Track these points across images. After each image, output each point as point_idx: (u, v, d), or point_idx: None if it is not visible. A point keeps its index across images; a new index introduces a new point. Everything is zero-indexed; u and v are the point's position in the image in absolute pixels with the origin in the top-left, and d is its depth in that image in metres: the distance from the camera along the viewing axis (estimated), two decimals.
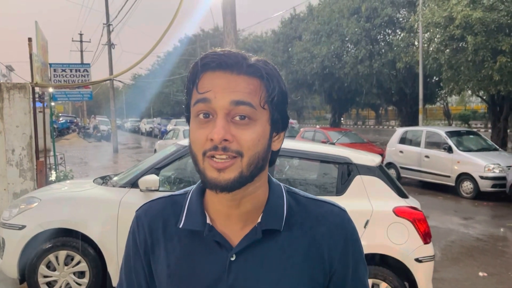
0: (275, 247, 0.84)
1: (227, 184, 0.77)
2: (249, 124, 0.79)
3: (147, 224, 0.90)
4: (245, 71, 0.80)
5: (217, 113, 0.78)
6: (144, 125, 40.71)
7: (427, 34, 14.22)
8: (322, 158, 3.87)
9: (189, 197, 0.90)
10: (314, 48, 20.81)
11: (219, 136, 0.75)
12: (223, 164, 0.77)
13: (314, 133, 14.91)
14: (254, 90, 0.80)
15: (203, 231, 0.84)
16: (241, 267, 0.83)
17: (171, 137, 15.30)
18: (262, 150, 0.80)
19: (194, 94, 0.81)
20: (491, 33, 11.32)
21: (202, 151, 0.78)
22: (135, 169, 4.24)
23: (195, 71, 0.82)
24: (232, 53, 0.81)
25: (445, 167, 10.65)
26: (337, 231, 0.87)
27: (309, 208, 0.89)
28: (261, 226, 0.84)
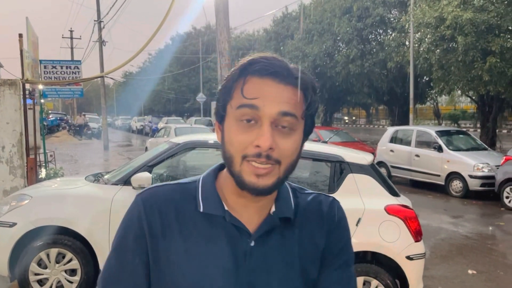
0: (289, 233, 0.91)
1: (265, 189, 0.82)
2: (290, 133, 0.82)
3: (156, 207, 0.88)
4: (292, 82, 0.82)
5: (262, 120, 0.80)
6: (135, 123, 40.50)
7: (418, 34, 14.33)
8: (315, 157, 3.89)
9: (200, 184, 0.92)
10: (306, 47, 20.86)
11: (266, 144, 0.78)
12: (263, 170, 0.80)
13: None
14: (297, 102, 0.83)
15: (221, 216, 0.87)
16: (261, 252, 0.87)
17: (162, 135, 15.24)
18: (296, 158, 0.85)
19: (238, 97, 0.82)
20: (481, 33, 11.44)
21: (242, 154, 0.81)
22: (127, 167, 4.22)
23: (242, 73, 0.83)
24: (281, 62, 0.83)
25: (435, 166, 10.75)
26: (331, 214, 0.96)
27: (307, 199, 0.97)
28: (277, 214, 0.90)
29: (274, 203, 0.91)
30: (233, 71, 0.85)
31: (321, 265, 0.94)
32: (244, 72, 0.83)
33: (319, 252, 0.94)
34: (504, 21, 11.37)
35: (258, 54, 0.85)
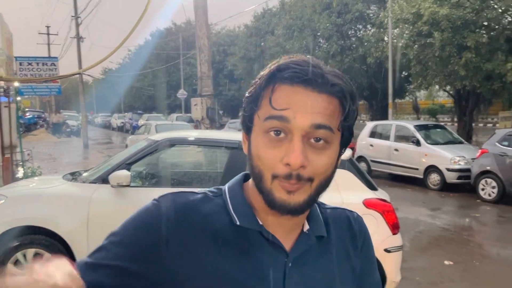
0: (324, 252, 0.85)
1: (296, 208, 0.74)
2: (324, 148, 0.74)
3: (179, 215, 0.78)
4: (328, 90, 0.73)
5: (293, 133, 0.72)
6: (115, 120, 39.98)
7: (397, 30, 14.51)
8: None
9: (227, 195, 0.82)
10: (287, 43, 20.90)
11: (297, 162, 0.70)
12: (294, 186, 0.72)
13: None
14: (333, 112, 0.74)
15: (257, 231, 0.78)
16: (298, 273, 0.80)
17: (142, 132, 15.09)
18: (331, 173, 0.77)
19: (266, 107, 0.73)
20: (457, 29, 11.65)
21: (271, 173, 0.72)
22: (105, 165, 4.18)
23: (270, 79, 0.74)
24: (314, 68, 0.74)
25: (414, 160, 10.94)
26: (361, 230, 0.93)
27: (333, 215, 0.91)
28: (313, 233, 0.83)
29: (306, 220, 0.84)
30: (260, 77, 0.77)
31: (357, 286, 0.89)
32: (272, 79, 0.74)
33: (355, 271, 0.89)
34: (479, 17, 11.60)
35: (288, 57, 0.77)
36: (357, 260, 0.90)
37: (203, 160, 4.74)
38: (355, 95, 0.77)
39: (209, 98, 8.44)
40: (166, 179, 4.44)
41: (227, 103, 35.25)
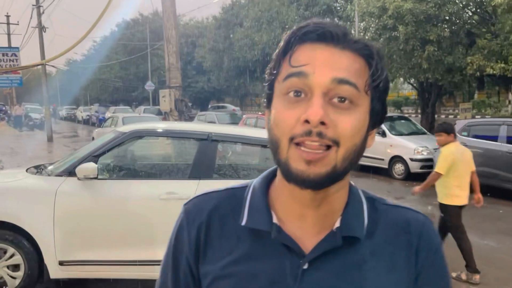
0: (355, 257, 0.71)
1: (317, 180, 0.64)
2: (349, 109, 0.65)
3: (201, 219, 0.77)
4: (350, 46, 0.67)
5: (313, 91, 0.64)
6: (81, 112, 38.96)
7: (363, 23, 14.78)
8: (265, 143, 3.97)
9: (250, 191, 0.78)
10: (255, 35, 20.91)
11: (316, 117, 0.62)
12: (315, 155, 0.63)
13: (257, 120, 15.09)
14: (359, 70, 0.67)
15: (268, 232, 0.72)
16: (315, 277, 0.70)
17: (109, 125, 14.79)
18: (359, 143, 0.67)
19: (285, 68, 0.67)
20: (420, 23, 11.98)
21: (289, 136, 0.64)
22: (71, 157, 4.10)
23: (290, 41, 0.67)
24: (336, 25, 0.68)
25: (379, 150, 11.23)
26: (424, 239, 0.76)
27: (390, 215, 0.77)
28: (341, 232, 0.71)
29: (340, 217, 0.73)
30: (281, 44, 0.70)
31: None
32: (291, 41, 0.67)
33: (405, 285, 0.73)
34: (441, 12, 11.98)
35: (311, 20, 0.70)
36: (408, 276, 0.73)
37: (172, 152, 4.73)
38: (381, 55, 0.70)
39: (177, 90, 8.38)
40: (134, 171, 4.41)
41: (195, 96, 34.95)
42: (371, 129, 0.71)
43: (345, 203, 0.74)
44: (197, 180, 3.72)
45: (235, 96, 40.76)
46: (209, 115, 18.77)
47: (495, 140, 8.57)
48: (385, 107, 0.73)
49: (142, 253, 3.60)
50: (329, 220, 0.72)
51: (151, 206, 3.66)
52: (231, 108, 33.18)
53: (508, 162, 8.25)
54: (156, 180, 3.99)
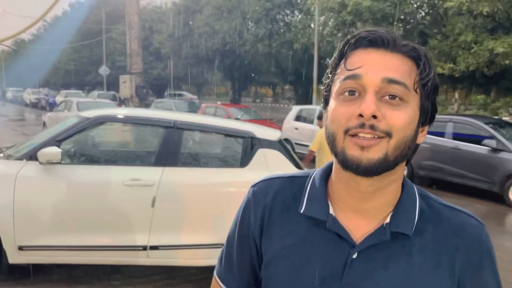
0: (403, 251, 0.77)
1: (370, 165, 0.71)
2: (400, 105, 0.72)
3: (266, 201, 0.85)
4: (399, 49, 0.74)
5: (366, 90, 0.72)
6: (29, 95, 37.13)
7: (323, 18, 15.10)
8: (228, 132, 4.06)
9: (310, 181, 0.85)
10: (216, 23, 20.79)
11: (369, 111, 0.69)
12: (368, 141, 0.70)
13: (216, 109, 15.08)
14: (408, 71, 0.74)
15: (324, 221, 0.79)
16: (362, 267, 0.76)
17: (63, 109, 14.27)
18: (410, 136, 0.74)
19: (341, 72, 0.76)
20: (377, 21, 12.43)
21: (344, 128, 0.72)
22: (31, 142, 4.00)
23: (345, 48, 0.77)
24: (385, 31, 0.76)
25: None
26: (474, 246, 0.79)
27: (444, 215, 0.81)
28: (390, 227, 0.77)
29: (391, 213, 0.78)
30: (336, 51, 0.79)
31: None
32: (347, 47, 0.76)
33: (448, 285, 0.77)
34: (397, 11, 12.47)
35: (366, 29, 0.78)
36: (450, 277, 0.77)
37: (137, 139, 4.71)
38: (429, 57, 0.76)
39: (138, 76, 8.25)
40: (98, 157, 4.37)
41: (152, 82, 34.26)
42: (421, 126, 0.78)
43: (397, 199, 0.79)
44: (161, 167, 3.75)
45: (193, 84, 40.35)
46: (167, 103, 18.52)
47: (442, 136, 9.11)
48: (435, 105, 0.79)
49: (104, 239, 3.60)
50: (381, 214, 0.78)
51: (115, 192, 3.66)
52: (188, 96, 32.84)
53: (452, 157, 8.81)
54: (121, 166, 3.98)
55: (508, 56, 9.45)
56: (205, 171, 4.06)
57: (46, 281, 3.82)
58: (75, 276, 3.96)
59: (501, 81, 11.56)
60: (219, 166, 4.34)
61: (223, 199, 3.80)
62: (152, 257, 3.67)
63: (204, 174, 3.92)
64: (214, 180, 3.83)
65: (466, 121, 9.13)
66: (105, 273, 4.05)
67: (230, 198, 3.84)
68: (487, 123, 8.83)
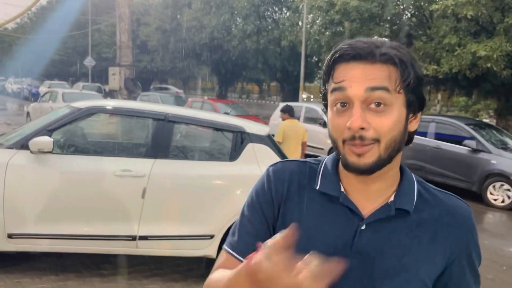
0: (404, 226, 0.89)
1: (367, 168, 0.84)
2: (385, 111, 0.83)
3: (285, 178, 0.96)
4: (378, 59, 0.84)
5: (353, 101, 0.83)
6: (11, 85, 36.48)
7: (311, 16, 15.21)
8: (219, 127, 4.13)
9: (323, 165, 0.97)
10: (204, 18, 20.74)
11: (356, 125, 0.81)
12: (362, 149, 0.82)
13: (202, 104, 15.09)
14: (388, 76, 0.83)
15: (337, 197, 0.91)
16: (370, 237, 0.88)
17: (47, 100, 14.11)
18: (398, 134, 0.85)
19: (330, 84, 0.87)
20: (364, 21, 12.60)
21: (341, 138, 0.85)
22: (22, 131, 4.02)
23: (330, 63, 0.88)
24: (365, 43, 0.85)
25: (320, 140, 11.75)
26: (464, 224, 0.92)
27: (438, 197, 0.94)
28: (394, 204, 0.89)
29: (394, 194, 0.91)
30: (324, 65, 0.90)
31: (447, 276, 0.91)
32: (332, 62, 0.87)
33: (440, 257, 0.90)
34: (384, 11, 12.66)
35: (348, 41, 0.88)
36: (444, 250, 0.89)
37: (128, 130, 4.75)
38: (410, 61, 0.85)
39: (127, 69, 8.23)
40: (89, 148, 4.40)
41: (138, 75, 33.96)
42: (412, 115, 0.89)
43: (396, 182, 0.93)
44: (152, 159, 3.81)
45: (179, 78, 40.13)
46: (153, 96, 18.44)
47: (425, 135, 9.33)
48: (422, 96, 0.89)
49: (94, 228, 3.65)
50: (384, 194, 0.91)
51: (106, 182, 3.71)
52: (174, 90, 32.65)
53: (434, 156, 9.04)
54: (112, 157, 4.02)
55: (490, 60, 9.71)
56: (195, 164, 4.13)
57: (35, 269, 3.86)
58: (63, 265, 4.00)
59: (482, 84, 11.85)
60: (209, 159, 4.41)
61: (213, 191, 3.88)
62: (141, 247, 3.73)
63: (194, 167, 3.99)
64: (204, 173, 3.91)
65: (448, 121, 9.37)
66: (94, 262, 4.10)
67: (219, 191, 3.92)
68: (468, 124, 9.08)
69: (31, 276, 3.72)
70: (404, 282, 0.87)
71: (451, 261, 0.91)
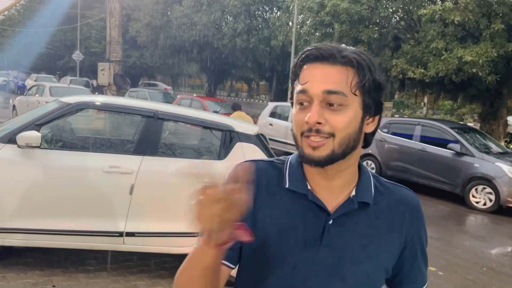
0: (365, 217, 0.98)
1: (320, 160, 0.90)
2: (341, 109, 0.89)
3: (254, 177, 0.99)
4: (339, 61, 0.90)
5: (312, 100, 0.90)
6: None
7: (301, 16, 15.28)
8: (208, 125, 4.16)
9: (287, 164, 1.02)
10: (195, 15, 20.68)
11: (313, 120, 0.88)
12: (317, 143, 0.89)
13: (191, 101, 15.07)
14: (345, 79, 0.90)
15: (304, 195, 0.97)
16: (337, 231, 0.95)
17: (34, 94, 13.95)
18: (353, 132, 0.91)
19: (297, 85, 0.94)
20: (354, 23, 12.70)
21: (300, 131, 0.92)
22: (9, 125, 3.99)
23: (297, 63, 0.95)
24: (330, 47, 0.92)
25: None
26: (414, 213, 1.02)
27: (392, 190, 1.03)
28: (356, 198, 0.97)
29: (355, 189, 0.98)
30: (292, 65, 0.98)
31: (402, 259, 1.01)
32: (299, 63, 0.94)
33: (397, 243, 0.99)
34: (373, 14, 12.78)
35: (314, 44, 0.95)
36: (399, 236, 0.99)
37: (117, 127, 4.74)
38: (368, 65, 0.92)
39: (117, 64, 8.19)
40: (77, 143, 4.39)
41: (126, 70, 33.69)
42: (368, 117, 0.96)
43: (356, 178, 1.00)
44: (141, 156, 3.82)
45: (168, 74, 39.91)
46: (141, 92, 18.35)
47: (410, 138, 9.47)
48: (379, 100, 0.96)
49: (81, 224, 3.65)
50: (346, 190, 0.98)
51: (93, 178, 3.71)
52: (162, 86, 32.49)
53: (419, 159, 9.18)
54: (100, 153, 4.02)
55: (476, 65, 9.87)
56: (183, 161, 4.14)
57: (20, 264, 3.84)
58: (49, 260, 3.99)
59: (468, 88, 12.05)
60: (197, 157, 4.43)
61: None
62: (127, 243, 3.74)
63: (182, 165, 4.01)
64: None
65: (434, 125, 9.52)
66: (80, 258, 4.10)
67: None
68: (452, 127, 9.24)
69: (16, 271, 3.71)
70: (368, 269, 0.96)
71: (405, 245, 1.01)
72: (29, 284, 3.53)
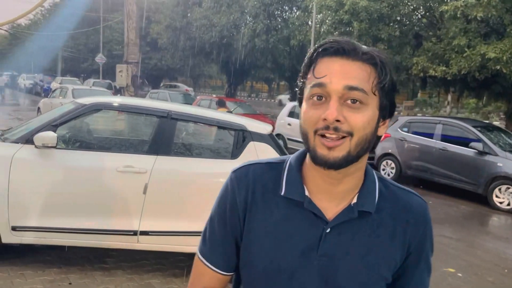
0: (366, 226, 0.92)
1: (335, 162, 0.84)
2: (360, 108, 0.84)
3: (249, 183, 0.96)
4: (360, 58, 0.85)
5: (331, 96, 0.84)
6: (24, 80, 36.94)
7: (320, 16, 15.17)
8: (221, 125, 4.17)
9: (287, 166, 0.97)
10: (214, 16, 20.79)
11: (332, 117, 0.82)
12: (333, 143, 0.83)
13: (210, 102, 15.16)
14: (367, 76, 0.85)
15: (301, 202, 0.92)
16: (334, 240, 0.90)
17: (58, 96, 14.28)
18: (370, 133, 0.86)
19: (310, 78, 0.88)
20: (373, 21, 12.54)
21: (313, 129, 0.85)
22: (27, 125, 4.09)
23: (313, 56, 0.89)
24: (348, 41, 0.87)
25: None
26: (419, 220, 0.96)
27: (397, 195, 0.97)
28: (357, 207, 0.91)
29: (357, 196, 0.92)
30: (306, 58, 0.90)
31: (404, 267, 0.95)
32: (314, 56, 0.88)
33: (399, 252, 0.94)
34: (393, 12, 12.60)
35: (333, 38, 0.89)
36: (403, 245, 0.94)
37: (131, 127, 4.80)
38: (388, 65, 0.88)
39: (135, 66, 8.31)
40: (92, 143, 4.47)
41: (148, 72, 34.19)
42: (382, 120, 0.91)
43: (361, 183, 0.94)
44: (154, 156, 3.86)
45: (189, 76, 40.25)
46: (162, 93, 18.54)
47: (431, 137, 9.28)
48: (393, 102, 0.91)
49: (96, 223, 3.71)
50: (348, 196, 0.93)
51: (108, 177, 3.77)
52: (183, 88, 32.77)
53: (439, 158, 8.99)
54: (115, 153, 4.08)
55: (500, 62, 9.60)
56: (196, 161, 4.17)
57: (38, 261, 3.94)
58: (66, 258, 4.07)
59: (492, 86, 11.73)
60: (210, 157, 4.45)
61: (213, 189, 3.86)
62: (142, 242, 3.79)
63: (196, 164, 4.03)
64: (205, 170, 3.95)
65: (455, 123, 9.30)
66: (96, 256, 4.17)
67: (219, 188, 3.95)
68: (475, 126, 9.01)
69: (34, 268, 3.80)
70: (366, 278, 0.91)
71: (407, 254, 0.95)
72: (47, 281, 3.61)
